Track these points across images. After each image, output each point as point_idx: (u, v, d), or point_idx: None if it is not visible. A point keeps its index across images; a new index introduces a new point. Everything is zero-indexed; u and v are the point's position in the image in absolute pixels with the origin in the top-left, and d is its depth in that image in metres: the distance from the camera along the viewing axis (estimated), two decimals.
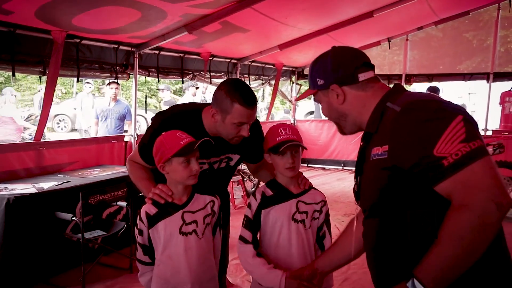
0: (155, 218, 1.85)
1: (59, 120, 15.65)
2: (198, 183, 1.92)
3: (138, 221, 1.87)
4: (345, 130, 1.53)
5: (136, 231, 1.89)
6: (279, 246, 1.94)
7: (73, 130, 15.69)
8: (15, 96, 8.31)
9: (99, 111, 6.44)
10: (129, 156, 2.28)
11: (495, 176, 1.12)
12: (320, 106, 1.55)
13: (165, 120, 2.08)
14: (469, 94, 13.94)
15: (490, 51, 8.11)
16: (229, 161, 2.27)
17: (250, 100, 1.95)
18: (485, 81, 8.17)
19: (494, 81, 7.96)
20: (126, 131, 6.18)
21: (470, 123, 1.18)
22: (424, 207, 1.24)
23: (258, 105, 2.09)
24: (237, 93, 1.94)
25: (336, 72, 1.43)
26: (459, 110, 1.21)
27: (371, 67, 1.46)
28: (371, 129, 1.39)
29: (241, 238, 1.98)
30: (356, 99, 1.44)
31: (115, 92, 6.20)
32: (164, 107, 7.18)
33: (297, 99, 1.68)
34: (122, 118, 6.38)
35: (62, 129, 15.82)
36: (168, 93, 7.20)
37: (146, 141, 2.09)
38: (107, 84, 6.21)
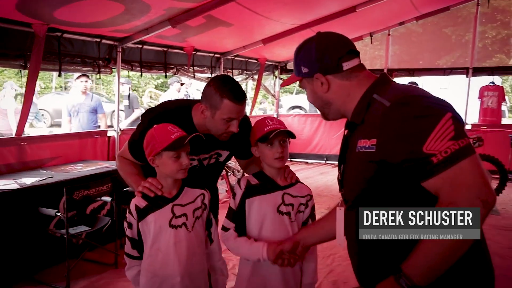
0: (144, 211, 1.84)
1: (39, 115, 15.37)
2: (188, 179, 1.93)
3: (127, 214, 1.87)
4: (328, 117, 1.55)
5: (126, 224, 1.88)
6: (261, 237, 1.94)
7: (53, 125, 15.46)
8: (16, 90, 8.20)
9: (70, 107, 6.13)
10: (119, 152, 2.28)
11: (482, 174, 1.16)
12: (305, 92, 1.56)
13: (154, 118, 2.07)
14: (440, 88, 14.10)
15: (468, 46, 8.26)
16: (219, 157, 2.28)
17: (239, 96, 1.98)
18: (459, 76, 8.33)
19: (473, 75, 8.11)
20: (99, 126, 6.06)
21: (458, 120, 1.20)
22: (410, 202, 1.26)
23: None
24: (226, 88, 1.97)
25: (320, 61, 1.42)
26: (448, 108, 1.22)
27: (356, 54, 1.45)
28: (356, 119, 1.41)
29: (223, 228, 2.00)
30: (340, 88, 1.44)
31: (85, 86, 5.98)
32: (125, 101, 7.08)
33: (283, 85, 1.77)
34: (94, 112, 6.18)
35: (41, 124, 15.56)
36: (127, 87, 7.00)
37: (136, 138, 2.09)
38: (76, 78, 6.02)
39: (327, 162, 9.50)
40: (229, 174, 6.36)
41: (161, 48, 6.13)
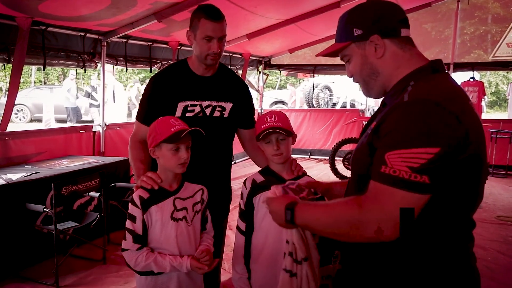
0: (148, 202, 1.85)
1: (17, 111, 15.13)
2: (195, 129, 1.90)
3: (130, 207, 1.85)
4: (372, 92, 1.41)
5: (128, 222, 1.85)
6: (269, 232, 1.95)
7: (32, 120, 15.20)
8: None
9: None
10: (131, 134, 2.33)
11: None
12: (347, 64, 1.42)
13: (156, 77, 2.28)
14: None
15: (447, 42, 8.41)
16: (223, 111, 2.32)
17: (214, 15, 2.14)
18: None
19: (454, 71, 8.26)
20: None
21: (440, 160, 1.11)
22: None
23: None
24: (201, 10, 2.16)
25: (379, 21, 1.31)
26: (445, 140, 1.12)
27: (409, 26, 1.35)
28: (386, 100, 1.37)
29: (238, 228, 2.04)
30: (393, 56, 1.32)
31: None
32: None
33: (320, 54, 1.49)
34: None
35: (20, 119, 15.30)
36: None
37: (143, 102, 2.29)
38: None
39: (311, 157, 9.58)
40: None
41: (146, 42, 6.09)
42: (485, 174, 1.26)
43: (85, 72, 5.83)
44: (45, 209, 3.57)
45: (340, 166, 7.49)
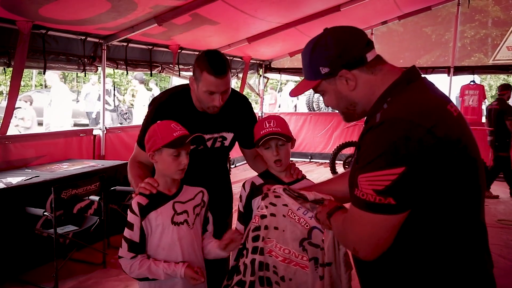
0: (146, 209, 1.83)
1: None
2: (195, 162, 1.93)
3: (129, 214, 1.83)
4: (353, 119, 1.40)
5: (126, 230, 1.83)
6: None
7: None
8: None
9: None
10: (131, 156, 2.26)
11: (371, 234, 1.18)
12: (323, 97, 1.41)
13: (159, 106, 2.16)
14: None
15: (448, 46, 8.41)
16: (224, 141, 2.31)
17: (217, 70, 1.99)
18: (439, 75, 8.47)
19: (454, 74, 8.26)
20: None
21: (406, 179, 1.10)
22: None
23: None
24: (206, 62, 2.00)
25: (343, 56, 1.28)
26: (411, 157, 1.10)
27: (372, 45, 1.32)
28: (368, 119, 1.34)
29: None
30: (366, 84, 1.30)
31: None
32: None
33: (294, 95, 1.48)
34: None
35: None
36: (136, 82, 6.93)
37: (144, 128, 2.13)
38: None
39: (311, 160, 9.57)
40: None
41: (146, 46, 6.10)
42: (481, 174, 1.24)
43: (85, 76, 5.80)
44: (45, 213, 3.57)
45: (340, 169, 7.50)
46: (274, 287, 1.74)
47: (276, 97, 15.32)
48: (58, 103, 8.11)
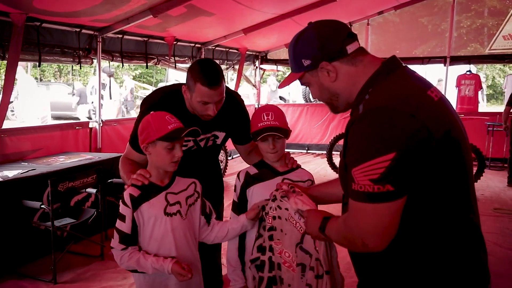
0: (138, 200, 1.82)
1: (14, 108, 15.04)
2: (186, 161, 1.92)
3: (121, 206, 1.83)
4: (338, 110, 1.44)
5: (117, 222, 1.84)
6: None
7: None
8: None
9: None
10: (123, 154, 2.25)
11: (376, 223, 1.18)
12: (309, 89, 1.46)
13: (151, 107, 2.08)
14: (438, 81, 14.29)
15: (444, 36, 8.40)
16: (216, 139, 2.32)
17: (211, 81, 1.99)
18: (435, 65, 8.48)
19: (450, 64, 8.26)
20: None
21: (398, 163, 1.12)
22: None
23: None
24: (199, 73, 2.00)
25: (323, 48, 1.32)
26: (399, 142, 1.13)
27: (355, 37, 1.36)
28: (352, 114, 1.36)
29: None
30: (347, 75, 1.33)
31: None
32: None
33: (281, 86, 1.61)
34: None
35: (16, 117, 15.23)
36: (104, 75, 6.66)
37: (136, 131, 2.07)
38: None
39: (308, 151, 9.58)
40: None
41: (141, 38, 6.06)
42: (468, 158, 1.27)
43: (80, 69, 5.77)
44: (42, 206, 3.57)
45: (337, 160, 7.49)
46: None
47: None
48: (26, 96, 7.92)
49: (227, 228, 1.99)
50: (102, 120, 5.60)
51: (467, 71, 8.63)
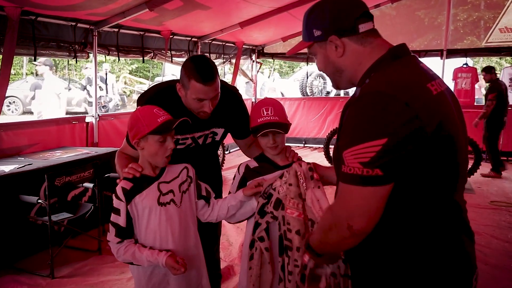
0: (131, 193, 1.83)
1: (9, 103, 15.01)
2: (185, 158, 1.92)
3: (114, 200, 1.84)
4: (340, 86, 1.44)
5: (112, 215, 1.84)
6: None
7: (24, 112, 15.09)
8: None
9: None
10: (119, 149, 2.23)
11: (362, 205, 1.18)
12: (315, 59, 1.45)
13: (149, 103, 2.04)
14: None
15: (440, 29, 8.39)
16: (215, 136, 2.30)
17: (205, 77, 1.96)
18: (432, 58, 8.46)
19: (447, 57, 8.25)
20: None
21: (389, 150, 1.13)
22: None
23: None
24: (193, 69, 1.97)
25: (335, 22, 1.32)
26: (392, 129, 1.13)
27: (371, 17, 1.36)
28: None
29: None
30: (354, 54, 1.33)
31: None
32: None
33: (290, 52, 1.60)
34: None
35: (12, 112, 15.19)
36: (46, 68, 6.41)
37: None
38: None
39: (305, 145, 9.59)
40: None
41: (138, 32, 6.03)
42: (462, 154, 1.27)
43: (76, 63, 5.73)
44: (39, 201, 3.56)
45: None
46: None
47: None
48: (51, 95, 7.88)
49: (227, 206, 2.00)
50: (98, 115, 5.59)
51: (463, 64, 8.64)
